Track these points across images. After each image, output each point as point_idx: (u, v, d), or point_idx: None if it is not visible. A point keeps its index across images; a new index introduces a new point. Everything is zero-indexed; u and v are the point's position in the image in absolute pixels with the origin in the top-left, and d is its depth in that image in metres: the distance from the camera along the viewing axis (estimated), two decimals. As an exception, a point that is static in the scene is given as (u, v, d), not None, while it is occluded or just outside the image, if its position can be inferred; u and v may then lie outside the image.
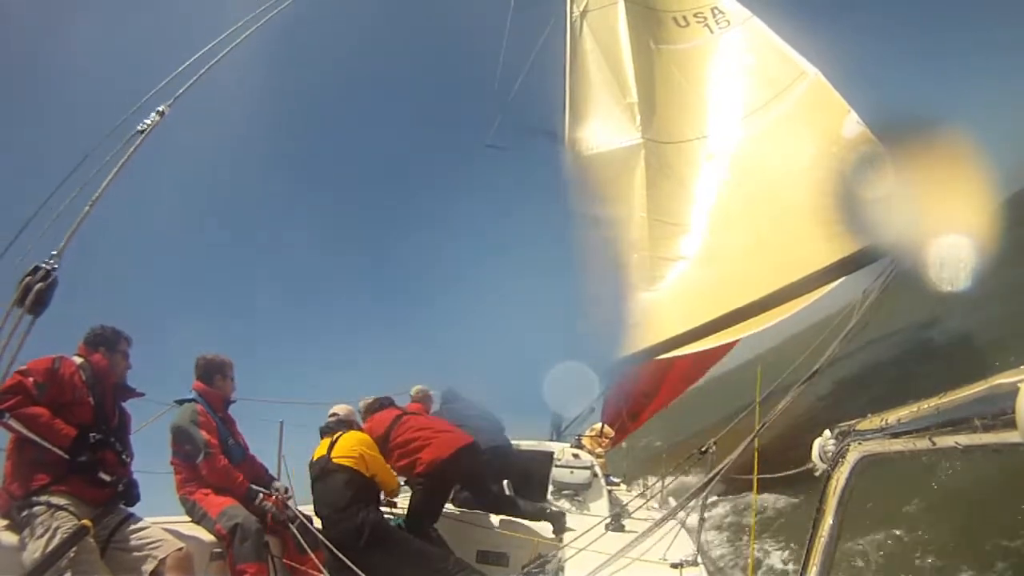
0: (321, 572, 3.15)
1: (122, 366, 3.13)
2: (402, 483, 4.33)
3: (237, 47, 3.15)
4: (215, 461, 3.30)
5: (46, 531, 2.51)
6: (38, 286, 2.11)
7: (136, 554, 2.71)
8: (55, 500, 2.60)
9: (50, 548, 2.47)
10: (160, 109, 2.72)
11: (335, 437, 3.82)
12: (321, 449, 3.83)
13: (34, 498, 2.59)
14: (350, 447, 3.73)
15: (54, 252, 2.21)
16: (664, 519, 2.90)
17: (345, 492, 3.58)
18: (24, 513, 2.57)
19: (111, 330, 3.14)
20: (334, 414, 4.11)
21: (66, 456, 2.68)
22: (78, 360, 2.94)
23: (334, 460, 3.68)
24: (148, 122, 2.69)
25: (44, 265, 2.17)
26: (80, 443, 2.72)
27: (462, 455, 4.07)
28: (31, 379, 2.67)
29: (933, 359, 8.96)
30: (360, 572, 2.98)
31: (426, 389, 5.20)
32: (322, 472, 3.71)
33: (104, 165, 2.51)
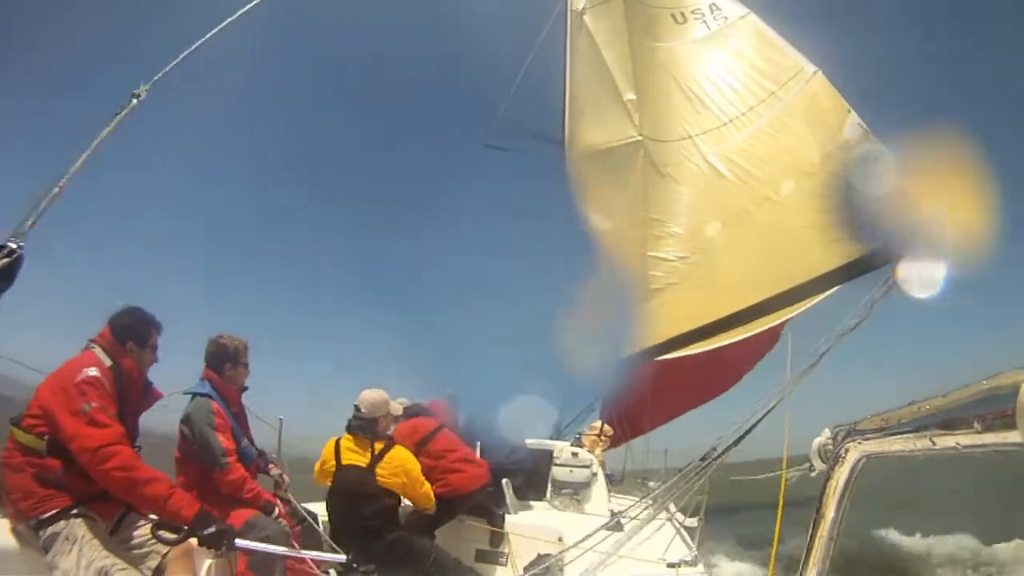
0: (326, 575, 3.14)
1: (149, 361, 2.82)
2: None
3: (235, 46, 3.13)
4: (233, 472, 3.09)
5: (73, 543, 2.40)
6: (3, 261, 2.02)
7: (138, 551, 2.63)
8: (71, 511, 2.47)
9: (83, 562, 2.35)
10: (136, 92, 2.63)
11: (378, 449, 3.57)
12: (359, 455, 3.56)
13: (52, 517, 2.43)
14: (396, 470, 3.51)
15: (21, 231, 2.18)
16: (656, 511, 2.89)
17: (381, 518, 3.47)
18: (42, 533, 2.41)
19: (140, 319, 2.79)
20: (358, 408, 3.72)
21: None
22: (107, 361, 2.64)
23: (379, 482, 3.46)
24: (125, 105, 2.58)
25: (10, 243, 2.10)
26: None
27: (480, 492, 4.15)
28: (108, 414, 2.43)
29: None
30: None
31: (458, 391, 5.24)
32: (361, 489, 3.48)
33: (79, 150, 2.46)
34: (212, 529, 2.41)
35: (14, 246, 2.08)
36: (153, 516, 2.64)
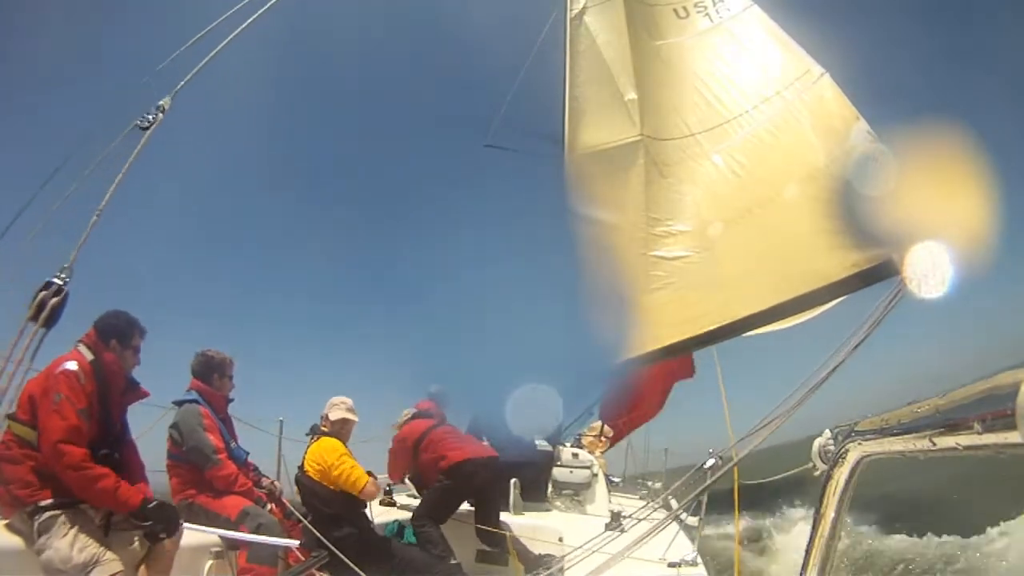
0: (323, 572, 3.16)
1: (131, 362, 2.91)
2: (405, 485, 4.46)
3: (238, 47, 3.12)
4: (225, 468, 3.22)
5: (69, 528, 2.46)
6: (52, 301, 2.05)
7: (128, 546, 2.67)
8: (66, 502, 2.53)
9: (77, 544, 2.42)
10: (160, 104, 2.65)
11: (310, 443, 3.81)
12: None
13: (49, 506, 2.49)
14: (315, 457, 3.68)
15: (65, 265, 2.17)
16: (666, 520, 2.89)
17: (315, 505, 3.58)
18: (37, 518, 2.47)
19: (125, 320, 2.90)
20: None
21: None
22: (88, 356, 2.71)
23: (305, 469, 3.67)
24: (150, 118, 2.60)
25: (56, 280, 2.10)
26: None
27: (487, 465, 4.21)
28: (74, 408, 2.49)
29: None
30: (359, 571, 3.00)
31: (442, 388, 5.25)
32: (297, 482, 3.71)
33: (100, 164, 2.47)
34: (154, 504, 2.63)
35: (60, 283, 2.10)
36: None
